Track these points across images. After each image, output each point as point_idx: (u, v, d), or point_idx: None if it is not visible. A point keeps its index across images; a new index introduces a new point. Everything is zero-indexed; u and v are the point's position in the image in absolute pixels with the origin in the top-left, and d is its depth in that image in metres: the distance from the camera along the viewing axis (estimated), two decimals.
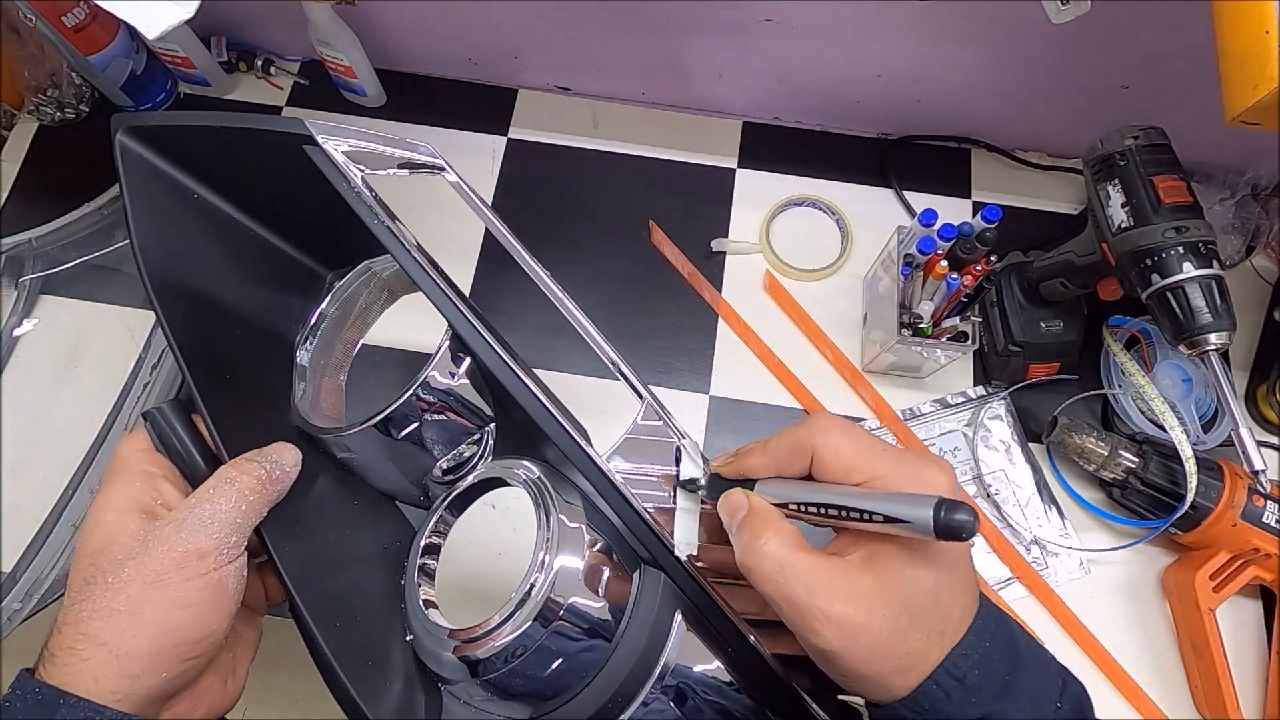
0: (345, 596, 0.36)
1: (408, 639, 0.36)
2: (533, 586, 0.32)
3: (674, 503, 0.37)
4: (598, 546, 0.34)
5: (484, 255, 0.74)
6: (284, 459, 0.35)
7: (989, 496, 0.66)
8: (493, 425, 0.40)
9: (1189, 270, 0.51)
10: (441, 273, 0.37)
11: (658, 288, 0.74)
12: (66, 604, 0.31)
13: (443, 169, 0.39)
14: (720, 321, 0.72)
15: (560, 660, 0.33)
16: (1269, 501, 0.59)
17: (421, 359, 0.37)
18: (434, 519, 0.38)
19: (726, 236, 0.75)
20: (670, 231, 0.75)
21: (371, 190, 0.37)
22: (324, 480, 0.40)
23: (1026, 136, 0.78)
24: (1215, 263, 0.51)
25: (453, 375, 0.38)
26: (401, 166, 0.38)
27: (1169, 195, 0.53)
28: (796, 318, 0.72)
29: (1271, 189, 0.73)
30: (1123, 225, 0.54)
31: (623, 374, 0.37)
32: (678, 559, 0.34)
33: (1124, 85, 0.68)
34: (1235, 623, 0.62)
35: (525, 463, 0.37)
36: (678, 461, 0.37)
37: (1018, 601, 0.63)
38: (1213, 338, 0.51)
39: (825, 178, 0.78)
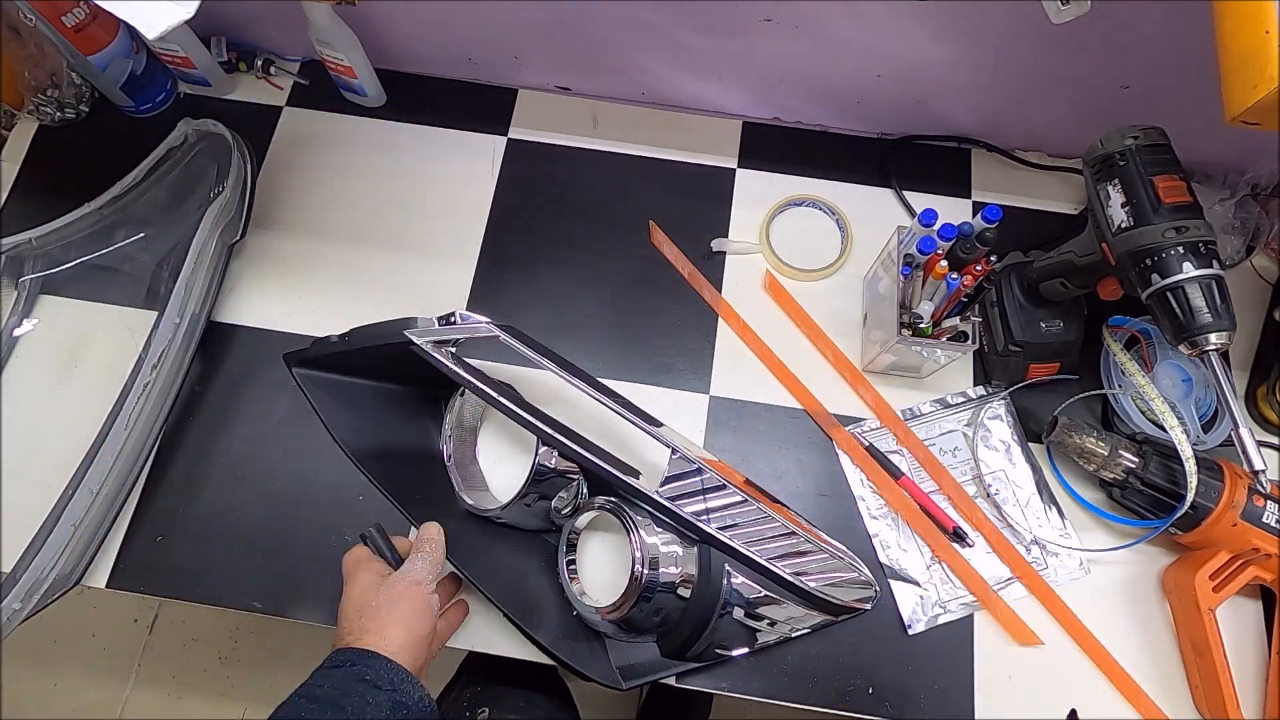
0: (534, 600, 0.59)
1: (574, 614, 0.59)
2: (638, 576, 0.55)
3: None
4: (669, 540, 0.57)
5: (484, 255, 0.75)
6: (432, 533, 0.55)
7: (989, 496, 0.66)
8: (581, 476, 0.60)
9: (1189, 270, 0.51)
10: (527, 405, 0.59)
11: (658, 288, 0.74)
12: (348, 639, 0.49)
13: (497, 337, 0.60)
14: (720, 321, 0.73)
15: (661, 610, 0.56)
16: (1269, 501, 0.59)
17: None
18: (565, 543, 0.61)
19: (726, 236, 0.75)
20: (670, 231, 0.75)
21: (461, 361, 0.59)
22: (497, 536, 0.62)
23: (1026, 136, 0.78)
24: (1215, 263, 0.51)
25: (551, 460, 0.59)
26: (463, 341, 0.61)
27: (1169, 195, 0.53)
28: (796, 318, 0.72)
29: (1271, 189, 0.73)
30: (1123, 225, 0.54)
31: (665, 444, 0.59)
32: (720, 539, 0.56)
33: (1124, 85, 0.68)
34: (1235, 623, 0.62)
35: (609, 498, 0.59)
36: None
37: (1018, 601, 0.63)
38: (1213, 338, 0.51)
39: (825, 178, 0.78)
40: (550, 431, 0.57)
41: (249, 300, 0.72)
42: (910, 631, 0.62)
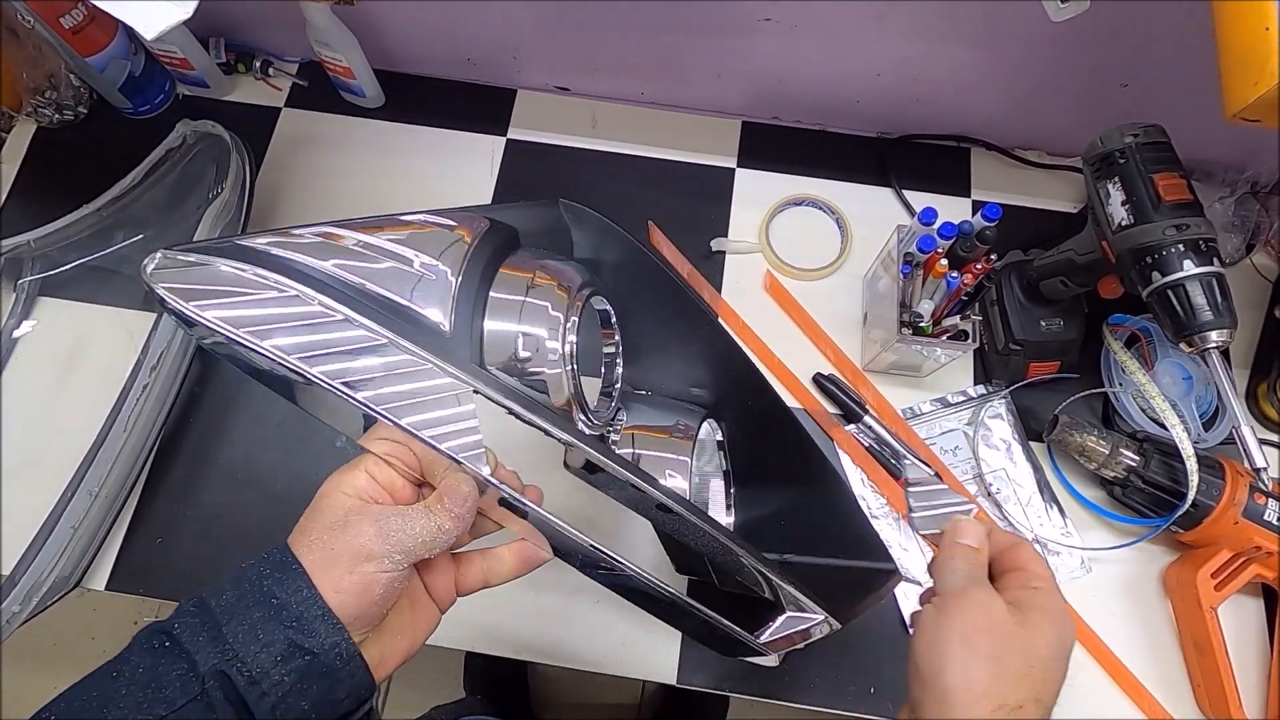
0: None
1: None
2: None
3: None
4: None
5: None
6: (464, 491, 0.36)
7: (990, 495, 0.66)
8: None
9: (1189, 268, 0.51)
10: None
11: None
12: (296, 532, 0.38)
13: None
14: (720, 321, 0.72)
15: None
16: (1270, 499, 0.59)
17: None
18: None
19: (726, 236, 0.75)
20: (670, 231, 0.75)
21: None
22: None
23: (1026, 135, 0.78)
24: (1216, 260, 0.51)
25: None
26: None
27: (1169, 193, 0.53)
28: (796, 317, 0.72)
29: (1271, 186, 0.73)
30: (1123, 223, 0.54)
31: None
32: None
33: (1123, 83, 0.68)
34: (1237, 621, 0.62)
35: None
36: None
37: None
38: (1213, 335, 0.51)
39: (825, 177, 0.78)
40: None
41: None
42: (912, 631, 0.62)
